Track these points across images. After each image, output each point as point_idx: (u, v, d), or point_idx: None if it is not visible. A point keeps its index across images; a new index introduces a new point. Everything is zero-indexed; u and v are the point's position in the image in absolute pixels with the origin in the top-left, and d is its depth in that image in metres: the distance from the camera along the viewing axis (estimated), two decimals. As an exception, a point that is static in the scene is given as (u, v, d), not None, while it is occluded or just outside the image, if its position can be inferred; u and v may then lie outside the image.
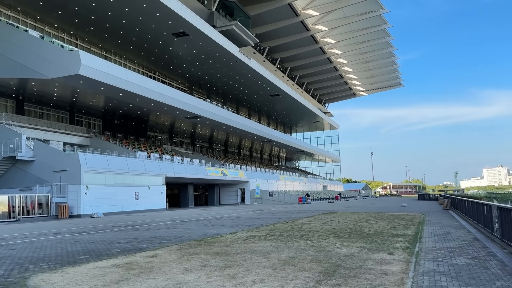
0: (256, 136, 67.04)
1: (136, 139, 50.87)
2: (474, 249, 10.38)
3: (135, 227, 18.32)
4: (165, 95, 37.85)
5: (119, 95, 34.91)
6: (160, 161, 39.82)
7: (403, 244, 11.16)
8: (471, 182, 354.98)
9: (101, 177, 30.44)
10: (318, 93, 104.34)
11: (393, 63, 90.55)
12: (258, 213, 29.02)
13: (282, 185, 68.19)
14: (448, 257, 9.06)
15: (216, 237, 13.26)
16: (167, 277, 7.10)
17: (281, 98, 68.62)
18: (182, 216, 27.20)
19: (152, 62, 50.46)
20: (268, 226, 17.31)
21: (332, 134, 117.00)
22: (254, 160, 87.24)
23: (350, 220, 20.33)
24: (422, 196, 66.14)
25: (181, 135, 63.15)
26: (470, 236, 13.28)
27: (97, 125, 47.04)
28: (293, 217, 23.50)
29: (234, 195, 56.52)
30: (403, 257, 9.04)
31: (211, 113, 47.52)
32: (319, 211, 30.29)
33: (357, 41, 75.49)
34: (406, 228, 15.65)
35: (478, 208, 16.41)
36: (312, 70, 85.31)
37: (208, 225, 18.50)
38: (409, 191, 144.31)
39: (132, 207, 33.21)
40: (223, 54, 47.75)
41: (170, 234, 14.86)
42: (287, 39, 67.50)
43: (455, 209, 28.55)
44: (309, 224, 18.24)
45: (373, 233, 14.05)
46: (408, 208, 33.84)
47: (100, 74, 30.51)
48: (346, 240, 12.14)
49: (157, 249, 10.69)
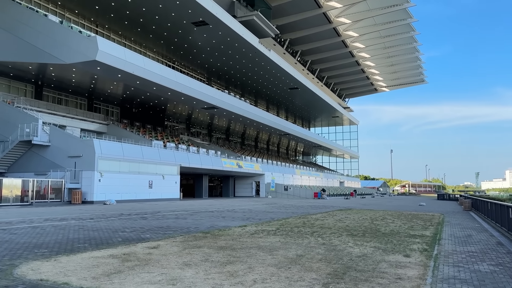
0: (273, 129, 66.43)
1: (153, 128, 50.91)
2: (498, 254, 9.60)
3: (144, 216, 18.04)
4: (182, 84, 37.55)
5: (136, 83, 34.75)
6: (175, 151, 39.66)
7: (421, 246, 10.45)
8: (492, 184, 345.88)
9: (115, 164, 30.40)
10: (338, 87, 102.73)
11: (417, 59, 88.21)
12: (271, 207, 28.50)
13: (298, 180, 67.48)
14: (470, 263, 8.34)
15: (224, 230, 12.79)
16: (162, 272, 6.63)
17: (300, 91, 67.71)
18: (194, 206, 26.91)
19: (171, 52, 50.25)
20: (280, 221, 16.77)
21: (351, 130, 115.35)
22: (271, 153, 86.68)
23: (365, 218, 19.61)
24: (442, 196, 64.50)
25: (198, 126, 63.03)
26: (493, 240, 12.45)
27: (115, 112, 47.22)
28: (306, 212, 22.89)
29: (249, 187, 56.15)
30: (421, 260, 8.36)
31: (228, 104, 47.09)
32: (334, 207, 29.59)
33: (381, 35, 73.68)
34: (425, 229, 14.87)
35: (502, 210, 15.48)
36: (333, 64, 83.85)
37: (218, 217, 18.08)
38: (428, 190, 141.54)
39: (145, 195, 33.15)
40: (243, 45, 47.15)
41: (178, 224, 14.47)
42: (308, 31, 66.29)
43: (476, 211, 27.45)
44: (322, 220, 17.61)
45: (389, 232, 13.35)
46: (427, 207, 32.79)
47: (117, 61, 30.34)
48: (360, 239, 11.49)
49: (160, 240, 10.27)
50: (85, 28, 38.36)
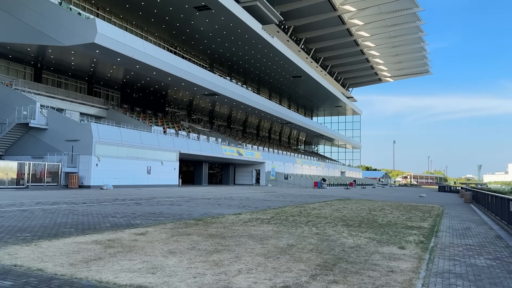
0: (275, 118, 65.99)
1: (153, 113, 50.57)
2: (497, 248, 9.32)
3: (139, 201, 17.83)
4: (182, 70, 37.08)
5: (136, 67, 34.33)
6: (175, 137, 39.38)
7: (417, 237, 10.18)
8: (494, 177, 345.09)
9: (113, 149, 30.17)
10: (342, 76, 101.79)
11: (422, 49, 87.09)
12: (270, 195, 28.29)
13: (299, 169, 67.25)
14: (467, 256, 8.05)
15: (217, 217, 12.54)
16: (144, 259, 6.37)
17: (304, 80, 67.03)
18: (192, 193, 26.72)
19: (173, 37, 49.61)
20: (276, 209, 16.53)
21: (354, 120, 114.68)
22: (273, 142, 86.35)
23: (363, 208, 19.35)
24: (443, 188, 64.18)
25: (199, 113, 62.66)
26: (492, 233, 12.16)
27: (115, 97, 46.86)
28: (304, 202, 22.66)
29: (249, 175, 55.98)
30: (415, 252, 8.08)
31: (229, 91, 46.61)
32: (333, 197, 29.35)
33: (386, 24, 72.59)
34: (423, 220, 14.60)
35: (503, 203, 15.16)
36: (337, 52, 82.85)
37: (214, 204, 17.85)
38: (430, 182, 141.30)
39: (143, 181, 32.98)
40: (246, 31, 46.44)
41: (172, 211, 14.23)
42: (313, 19, 65.32)
43: (476, 203, 27.14)
44: (319, 209, 17.36)
45: (386, 223, 13.08)
46: (427, 199, 32.53)
47: (116, 44, 29.89)
48: (355, 229, 11.22)
49: (150, 227, 10.02)
50: (85, 11, 37.82)
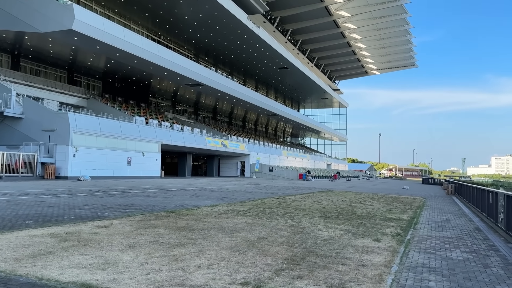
0: (261, 109, 65.55)
1: (136, 104, 49.66)
2: (474, 240, 9.10)
3: (113, 193, 17.29)
4: (165, 59, 36.30)
5: (116, 55, 33.47)
6: (157, 128, 38.64)
7: (395, 230, 9.90)
8: (478, 170, 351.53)
9: (91, 139, 29.40)
10: (329, 69, 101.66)
11: (409, 42, 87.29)
12: (252, 187, 27.94)
13: (285, 161, 67.06)
14: (443, 249, 7.79)
15: (192, 209, 12.11)
16: (98, 254, 5.92)
17: (290, 71, 66.60)
18: (173, 185, 26.21)
19: (157, 25, 48.61)
20: (255, 201, 16.16)
21: (340, 113, 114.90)
22: (259, 134, 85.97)
23: (344, 200, 19.12)
24: (427, 180, 64.73)
25: (184, 104, 61.83)
26: (471, 225, 11.99)
27: (97, 86, 45.82)
28: (286, 193, 22.36)
29: (234, 167, 55.56)
30: (390, 245, 7.78)
31: (213, 82, 45.92)
32: (316, 189, 29.14)
33: (373, 16, 72.44)
34: (403, 212, 14.39)
35: (483, 195, 15.05)
36: (324, 44, 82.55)
37: (192, 196, 17.40)
38: (414, 174, 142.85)
39: (124, 172, 32.30)
40: (231, 20, 45.70)
41: (145, 202, 13.75)
42: (299, 10, 64.79)
43: (458, 195, 27.23)
44: (300, 201, 17.05)
45: (365, 215, 12.81)
46: (410, 191, 32.56)
47: (95, 31, 29.00)
48: (332, 221, 10.91)
49: (116, 219, 9.55)
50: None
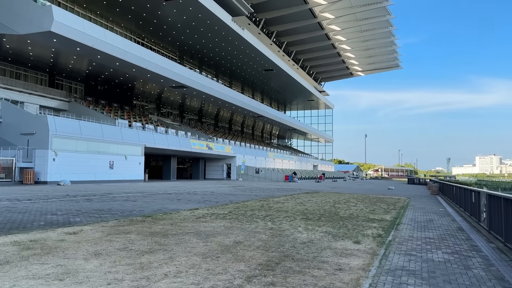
0: (247, 111, 65.27)
1: (120, 106, 48.93)
2: (457, 241, 8.95)
3: (92, 197, 16.80)
4: (147, 61, 35.78)
5: (98, 57, 32.84)
6: (140, 131, 38.00)
7: (376, 231, 9.71)
8: (463, 169, 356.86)
9: (71, 143, 28.73)
10: (314, 71, 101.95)
11: (392, 43, 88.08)
12: (237, 189, 27.62)
13: (271, 162, 66.86)
14: (424, 250, 7.60)
15: (170, 213, 11.76)
16: (60, 263, 5.56)
17: (276, 73, 66.48)
18: (155, 188, 25.73)
19: (140, 27, 47.99)
20: (237, 204, 15.86)
21: (326, 114, 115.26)
22: (245, 136, 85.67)
23: (328, 201, 18.94)
24: (412, 180, 65.17)
25: (169, 106, 61.20)
26: (454, 225, 11.88)
27: (79, 89, 45.01)
28: (270, 195, 22.10)
29: (220, 170, 55.12)
30: (371, 247, 7.56)
31: (198, 84, 45.49)
32: (301, 190, 28.96)
33: (357, 17, 72.88)
34: (386, 213, 14.24)
35: (466, 194, 15.01)
36: (309, 46, 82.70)
37: (173, 200, 17.01)
38: (400, 174, 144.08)
39: (106, 176, 31.64)
40: (215, 22, 45.36)
41: (123, 207, 13.34)
42: (284, 12, 64.79)
43: (443, 195, 27.31)
44: (283, 203, 16.81)
45: (347, 216, 12.62)
46: (395, 191, 32.61)
47: (75, 33, 28.39)
48: (313, 223, 10.68)
49: (88, 225, 9.16)
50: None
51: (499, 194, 8.83)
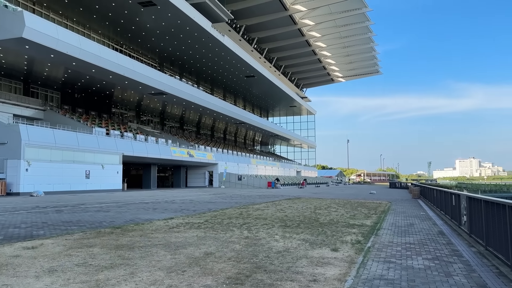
0: (229, 118, 64.79)
1: (98, 115, 47.91)
2: (437, 246, 8.69)
3: (62, 208, 16.08)
4: (124, 67, 35.05)
5: (73, 64, 31.99)
6: (117, 139, 37.05)
7: (356, 237, 9.39)
8: (443, 173, 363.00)
9: (45, 152, 27.76)
10: (296, 77, 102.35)
11: (372, 49, 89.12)
12: (217, 197, 27.10)
13: (254, 169, 66.44)
14: (404, 257, 7.29)
15: (142, 224, 11.22)
16: (6, 282, 5.03)
17: (257, 80, 66.29)
18: (132, 197, 25.01)
19: (118, 34, 47.19)
20: (216, 212, 15.38)
21: (308, 120, 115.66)
22: (228, 142, 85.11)
23: (309, 207, 18.62)
24: (394, 184, 65.65)
25: (149, 114, 60.28)
26: (435, 229, 11.67)
27: (55, 98, 43.86)
28: (251, 202, 21.68)
29: (202, 177, 54.41)
30: (349, 255, 7.22)
31: (178, 90, 44.85)
32: (283, 196, 28.63)
33: (337, 24, 73.52)
34: (366, 218, 13.99)
35: (446, 197, 14.89)
36: (290, 52, 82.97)
37: (148, 209, 16.42)
38: (382, 179, 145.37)
39: (82, 186, 30.68)
40: (195, 28, 44.93)
41: (93, 218, 12.72)
42: (264, 18, 64.82)
43: (424, 198, 27.35)
44: (263, 210, 16.40)
45: (327, 222, 12.29)
46: (376, 195, 32.57)
47: (48, 39, 27.58)
48: (292, 230, 10.31)
49: (51, 238, 8.57)
50: (20, 6, 34.93)
51: (479, 196, 8.62)
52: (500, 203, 6.87)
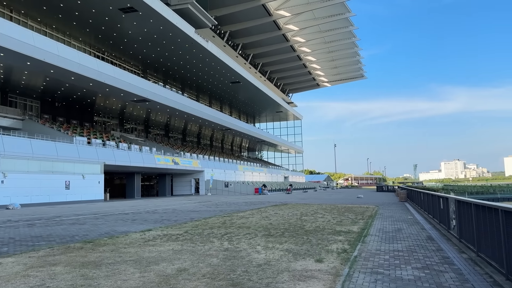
0: (215, 124, 64.15)
1: (80, 123, 46.86)
2: (427, 252, 8.27)
3: (36, 222, 15.28)
4: (105, 74, 34.26)
5: (51, 72, 31.11)
6: (99, 148, 36.06)
7: (342, 245, 8.92)
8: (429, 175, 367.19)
9: (22, 163, 26.76)
10: (282, 82, 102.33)
11: (356, 54, 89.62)
12: (202, 205, 26.44)
13: (241, 175, 65.80)
14: (393, 267, 6.83)
15: (116, 237, 10.57)
16: None
17: (243, 85, 65.87)
18: (113, 208, 24.20)
19: (100, 41, 46.33)
20: (198, 221, 14.78)
21: (295, 125, 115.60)
22: (215, 149, 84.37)
23: (295, 213, 18.13)
24: (381, 188, 65.64)
25: (133, 121, 59.29)
26: (423, 234, 11.29)
27: (35, 107, 42.74)
28: (236, 210, 21.10)
29: (188, 185, 53.55)
30: (334, 266, 6.72)
31: (161, 97, 44.11)
32: (270, 203, 28.10)
33: (321, 29, 73.74)
34: (353, 223, 13.55)
35: (434, 200, 14.56)
36: (275, 58, 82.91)
37: (127, 220, 15.72)
38: (369, 182, 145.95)
39: (61, 197, 29.67)
40: (178, 34, 44.38)
41: (66, 232, 12.01)
42: (248, 24, 64.59)
43: (411, 201, 27.13)
44: (247, 218, 15.85)
45: (313, 229, 11.81)
46: (363, 199, 32.27)
47: (24, 46, 26.72)
48: (275, 240, 9.78)
49: (13, 256, 7.90)
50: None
51: (469, 200, 8.23)
52: (492, 207, 6.48)
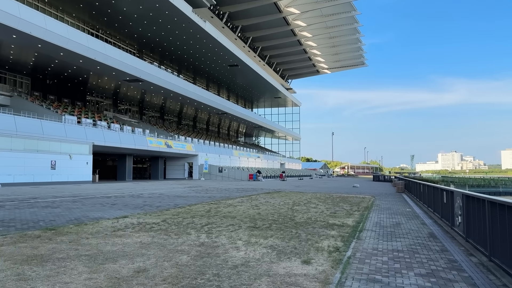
0: (211, 108, 62.89)
1: (71, 102, 45.55)
2: (431, 254, 7.24)
3: (7, 203, 14.19)
4: (96, 51, 32.85)
5: (38, 47, 29.71)
6: (87, 127, 34.79)
7: (334, 242, 7.88)
8: (426, 166, 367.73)
9: (5, 141, 25.58)
10: (281, 67, 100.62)
11: (358, 41, 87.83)
12: (191, 190, 25.44)
13: (236, 161, 64.81)
14: (392, 272, 5.79)
15: (84, 225, 9.52)
16: None
17: (241, 69, 64.38)
18: (97, 191, 23.16)
19: (94, 18, 44.71)
20: (181, 208, 13.75)
21: (293, 112, 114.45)
22: (211, 134, 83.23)
23: (287, 202, 17.12)
24: (377, 177, 64.83)
25: (127, 102, 57.96)
26: (424, 230, 10.28)
27: (25, 84, 41.37)
28: (226, 196, 20.11)
29: (181, 169, 52.53)
30: (323, 270, 5.68)
31: (155, 77, 42.72)
32: (263, 190, 27.14)
33: (322, 13, 71.88)
34: (348, 215, 12.53)
35: (436, 193, 13.52)
36: (275, 42, 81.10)
37: (105, 205, 14.67)
38: (366, 172, 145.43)
39: (47, 177, 28.59)
40: (174, 13, 42.75)
41: (33, 216, 10.95)
42: (248, 5, 62.69)
43: (409, 193, 26.19)
44: (235, 206, 14.83)
45: (303, 221, 10.78)
46: (359, 189, 31.33)
47: (8, 18, 25.31)
48: (260, 233, 8.75)
49: (-48, 245, 6.83)
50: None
51: (482, 196, 7.15)
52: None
